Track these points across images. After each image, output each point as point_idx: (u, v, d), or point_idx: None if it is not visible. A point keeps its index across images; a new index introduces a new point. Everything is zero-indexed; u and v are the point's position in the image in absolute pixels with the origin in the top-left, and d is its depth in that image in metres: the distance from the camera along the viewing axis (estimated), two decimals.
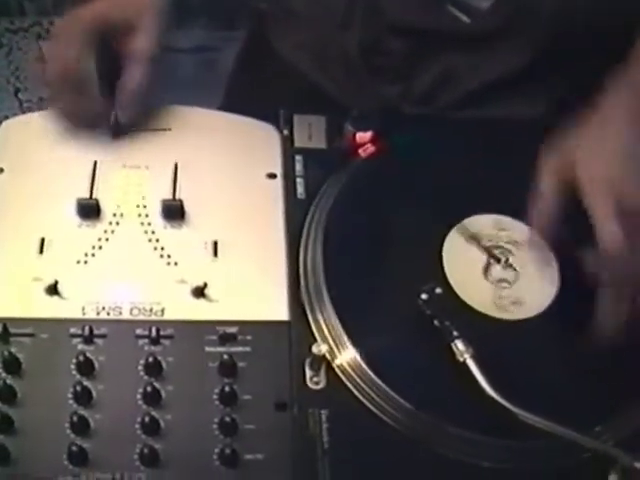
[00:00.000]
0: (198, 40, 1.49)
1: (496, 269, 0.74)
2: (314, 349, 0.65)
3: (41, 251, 0.71)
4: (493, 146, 0.82)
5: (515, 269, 0.74)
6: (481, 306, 0.71)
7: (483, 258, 0.75)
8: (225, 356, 0.65)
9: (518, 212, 0.75)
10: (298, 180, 0.78)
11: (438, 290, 0.69)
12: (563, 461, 0.66)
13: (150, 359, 0.65)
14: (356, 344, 0.67)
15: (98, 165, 0.76)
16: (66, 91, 0.76)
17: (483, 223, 0.76)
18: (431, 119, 0.88)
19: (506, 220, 0.77)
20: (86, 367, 0.64)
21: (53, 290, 0.68)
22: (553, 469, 0.66)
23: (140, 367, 0.65)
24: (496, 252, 0.75)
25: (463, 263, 0.74)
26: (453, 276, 0.72)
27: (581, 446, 0.64)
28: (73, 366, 0.64)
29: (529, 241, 0.75)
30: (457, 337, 0.66)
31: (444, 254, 0.74)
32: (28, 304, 0.67)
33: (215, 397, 0.64)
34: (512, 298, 0.73)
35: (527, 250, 0.75)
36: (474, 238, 0.75)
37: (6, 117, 0.82)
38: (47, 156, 0.77)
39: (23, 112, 1.59)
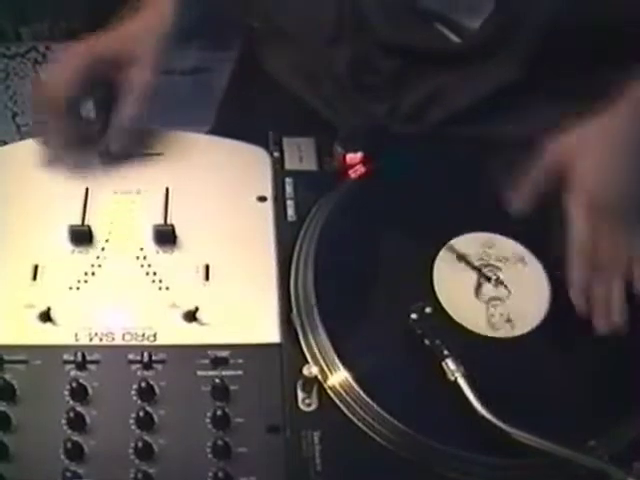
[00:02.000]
0: (192, 61, 1.51)
1: (487, 287, 0.75)
2: (305, 371, 0.65)
3: (34, 278, 0.71)
4: (482, 164, 0.83)
5: (506, 286, 0.75)
6: (472, 324, 0.72)
7: (474, 277, 0.75)
8: (217, 380, 0.66)
9: (508, 229, 0.76)
10: (288, 202, 0.79)
11: (428, 309, 0.69)
12: (558, 478, 0.66)
13: (143, 384, 0.65)
14: (347, 365, 0.68)
15: (90, 191, 0.77)
16: (52, 116, 0.77)
17: (472, 242, 0.77)
18: (420, 138, 0.88)
19: (494, 237, 0.77)
20: (79, 393, 0.65)
21: (46, 317, 0.69)
22: None
23: (133, 392, 0.65)
24: (486, 270, 0.75)
25: (454, 282, 0.74)
26: (443, 295, 0.73)
27: (575, 463, 0.64)
28: (66, 392, 0.65)
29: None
30: (447, 356, 0.66)
31: (435, 274, 0.74)
32: (21, 331, 0.68)
33: (208, 421, 0.65)
34: (505, 316, 0.73)
35: (516, 266, 0.76)
36: (463, 258, 0.75)
37: (4, 142, 0.83)
38: (40, 183, 0.78)
39: (21, 136, 1.60)
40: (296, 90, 0.97)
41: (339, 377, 0.68)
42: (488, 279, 0.75)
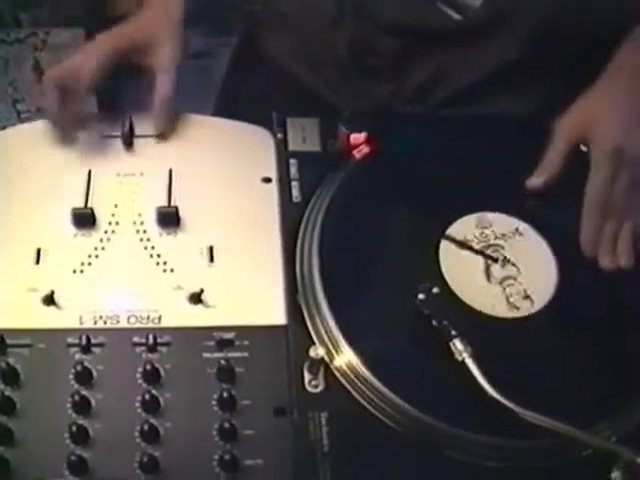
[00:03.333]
0: (194, 46, 1.49)
1: (496, 269, 0.74)
2: (311, 352, 0.65)
3: (37, 261, 0.71)
4: (486, 144, 0.82)
5: (514, 264, 0.74)
6: (484, 306, 0.71)
7: (480, 260, 0.75)
8: (222, 362, 0.65)
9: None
10: (293, 183, 0.78)
11: (435, 290, 0.69)
12: (566, 459, 0.66)
13: (148, 367, 0.65)
14: (354, 346, 0.67)
15: (93, 174, 0.76)
16: (58, 94, 0.77)
17: (467, 226, 0.76)
18: (423, 118, 0.88)
19: (487, 216, 0.77)
20: (84, 376, 0.64)
21: (50, 300, 0.68)
22: (556, 467, 0.65)
23: (138, 375, 0.65)
24: (490, 251, 0.75)
25: (460, 263, 0.74)
26: (450, 275, 0.72)
27: (583, 443, 0.64)
28: (71, 376, 0.64)
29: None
30: (455, 336, 0.66)
31: (441, 253, 0.73)
32: (25, 315, 0.67)
33: (214, 403, 0.64)
34: (522, 293, 0.73)
35: (515, 239, 0.76)
36: (465, 245, 0.75)
37: (4, 128, 0.82)
38: (42, 166, 0.77)
39: (21, 122, 1.59)
40: (297, 74, 0.97)
41: (345, 358, 0.67)
42: (495, 260, 0.74)
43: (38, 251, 0.71)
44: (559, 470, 0.66)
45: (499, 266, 0.74)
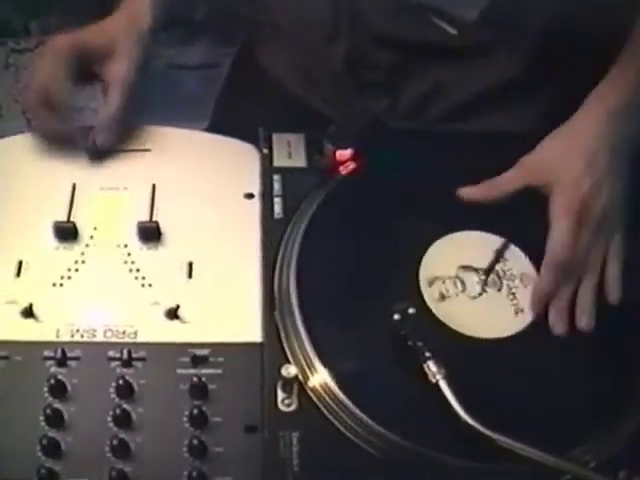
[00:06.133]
0: (202, 57, 1.50)
1: (472, 276, 0.74)
2: (283, 371, 0.65)
3: (18, 274, 0.71)
4: (473, 159, 0.81)
5: (480, 294, 0.74)
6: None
7: (465, 276, 0.74)
8: (195, 378, 0.65)
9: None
10: (276, 200, 0.78)
11: (411, 310, 0.68)
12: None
13: (121, 381, 0.65)
14: (328, 366, 0.67)
15: (77, 188, 0.77)
16: (41, 110, 0.77)
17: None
18: (410, 133, 0.87)
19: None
20: (58, 389, 0.65)
21: (28, 313, 0.69)
22: None
23: (111, 389, 0.65)
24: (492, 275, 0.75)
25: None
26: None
27: (560, 470, 0.63)
28: (45, 388, 0.65)
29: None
30: (429, 358, 0.65)
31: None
32: (3, 327, 0.68)
33: (185, 419, 0.64)
34: (443, 293, 0.73)
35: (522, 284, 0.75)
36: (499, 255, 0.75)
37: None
38: (26, 179, 0.78)
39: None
40: (293, 87, 0.97)
41: (319, 378, 0.67)
42: (485, 275, 0.74)
43: (19, 263, 0.72)
44: None
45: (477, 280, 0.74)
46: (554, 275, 0.71)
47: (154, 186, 0.77)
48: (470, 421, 0.63)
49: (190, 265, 0.72)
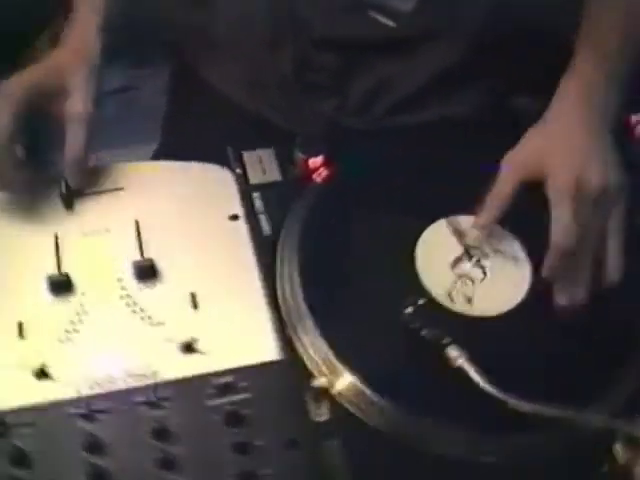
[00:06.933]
0: (119, 81, 1.47)
1: (466, 265, 0.77)
2: (314, 383, 0.66)
3: (21, 335, 0.70)
4: (444, 148, 0.84)
5: (484, 272, 0.77)
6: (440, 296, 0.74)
7: (456, 252, 0.77)
8: (227, 407, 0.66)
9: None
10: (261, 217, 0.79)
11: (420, 301, 0.71)
12: (566, 440, 0.68)
13: (154, 424, 0.65)
14: (352, 369, 0.68)
15: (59, 237, 0.75)
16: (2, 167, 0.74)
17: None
18: (377, 132, 0.89)
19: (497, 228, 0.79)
20: (94, 445, 0.64)
21: (42, 373, 0.67)
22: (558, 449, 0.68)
23: (147, 434, 0.65)
24: (473, 251, 0.77)
25: (436, 262, 0.76)
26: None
27: (580, 427, 0.67)
28: (80, 447, 0.64)
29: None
30: (449, 343, 0.68)
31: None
32: (20, 392, 0.66)
33: (227, 449, 0.64)
34: (466, 295, 0.75)
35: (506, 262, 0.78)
36: (459, 234, 0.77)
37: None
38: (8, 236, 0.76)
39: None
40: (240, 100, 0.97)
41: (346, 382, 0.68)
42: (470, 257, 0.77)
43: (20, 324, 0.70)
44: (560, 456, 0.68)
45: (470, 264, 0.77)
46: (557, 260, 0.73)
47: (137, 223, 0.76)
48: (497, 394, 0.65)
49: (193, 296, 0.72)
